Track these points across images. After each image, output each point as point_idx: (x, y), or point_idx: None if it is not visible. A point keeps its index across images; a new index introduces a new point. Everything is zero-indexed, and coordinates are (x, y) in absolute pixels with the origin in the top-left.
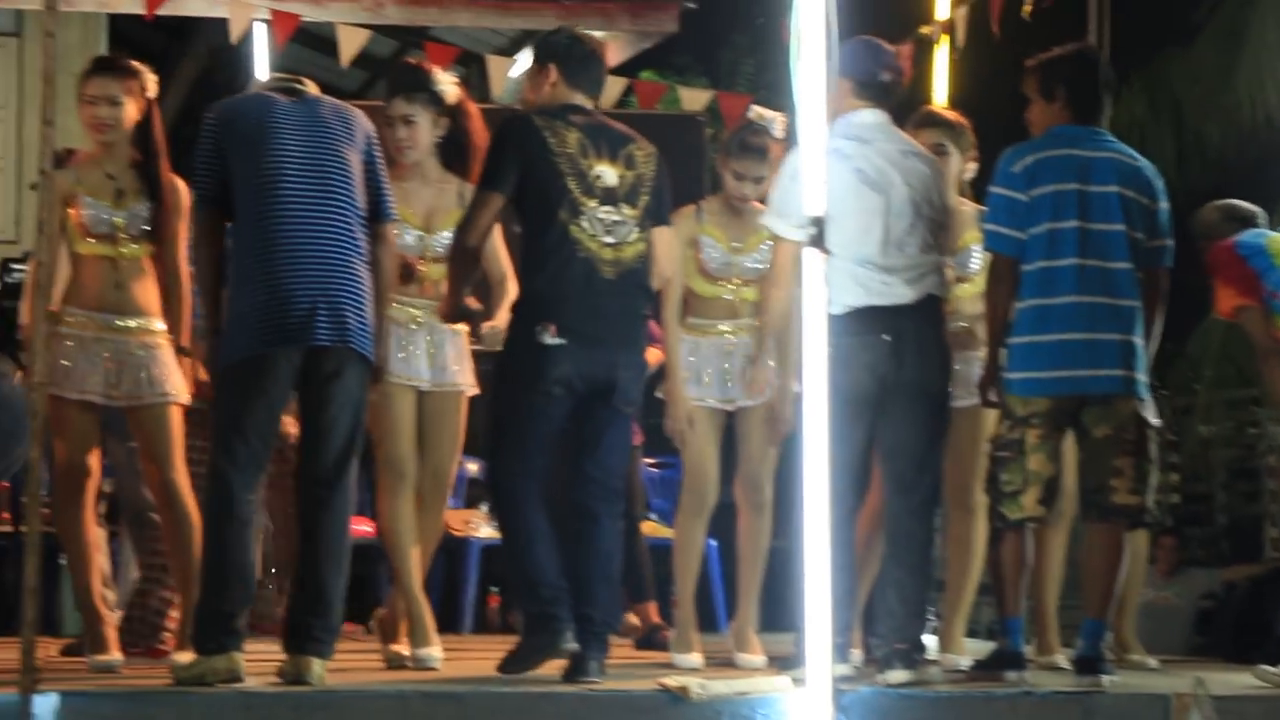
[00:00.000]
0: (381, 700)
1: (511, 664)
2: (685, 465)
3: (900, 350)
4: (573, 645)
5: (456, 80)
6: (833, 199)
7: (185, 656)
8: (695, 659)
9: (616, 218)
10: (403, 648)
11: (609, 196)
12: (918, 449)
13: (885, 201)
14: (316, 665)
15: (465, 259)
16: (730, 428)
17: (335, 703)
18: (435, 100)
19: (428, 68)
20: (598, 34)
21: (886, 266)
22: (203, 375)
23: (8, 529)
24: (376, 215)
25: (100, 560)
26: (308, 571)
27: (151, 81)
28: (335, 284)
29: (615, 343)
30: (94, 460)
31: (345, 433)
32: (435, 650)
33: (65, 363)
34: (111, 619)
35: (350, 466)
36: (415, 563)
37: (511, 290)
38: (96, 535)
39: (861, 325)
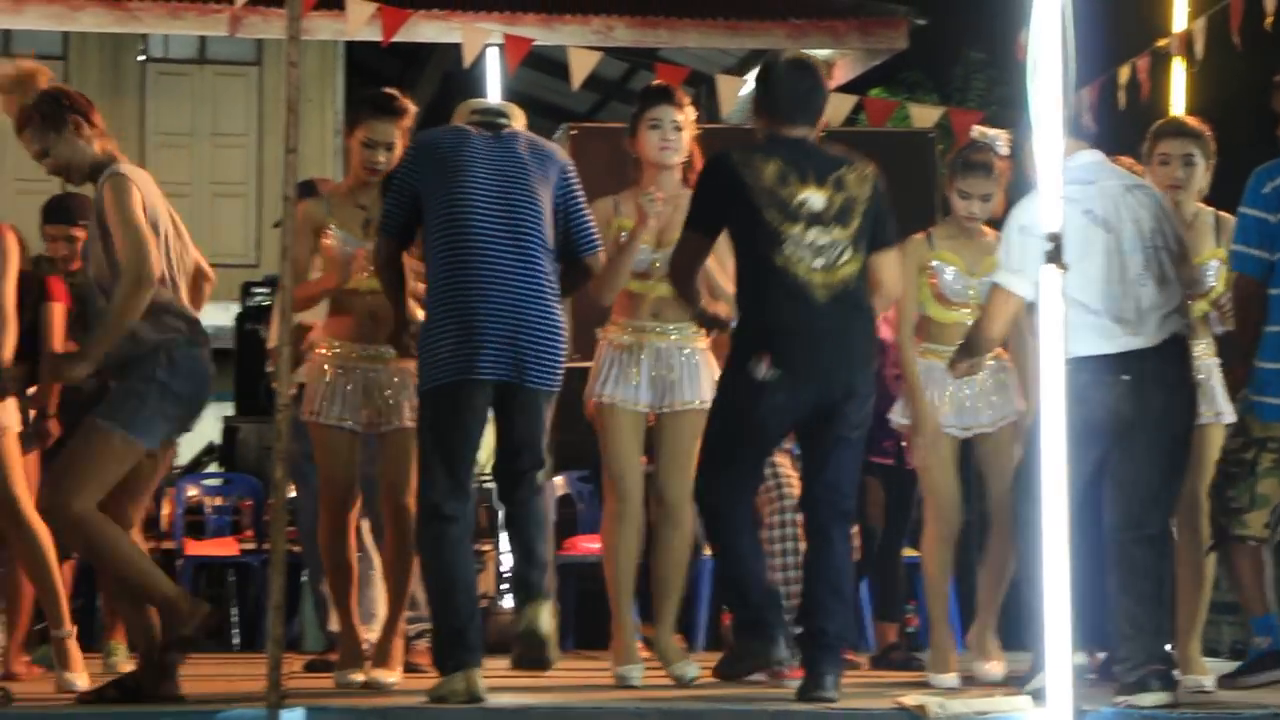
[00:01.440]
0: (619, 716)
1: (726, 667)
2: (929, 490)
3: (1142, 389)
4: (784, 654)
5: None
6: (1065, 244)
7: None
8: (951, 679)
9: (825, 240)
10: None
11: (816, 220)
12: (1152, 484)
13: (1116, 240)
14: (544, 610)
15: (685, 294)
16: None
17: (572, 719)
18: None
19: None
20: (825, 53)
21: (1124, 311)
22: None
23: (250, 547)
24: (576, 249)
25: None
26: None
27: (412, 116)
28: (521, 320)
29: (834, 366)
30: (355, 483)
31: (533, 454)
32: (634, 669)
33: (327, 388)
34: (367, 638)
35: (535, 475)
36: (627, 581)
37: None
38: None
39: (1101, 368)
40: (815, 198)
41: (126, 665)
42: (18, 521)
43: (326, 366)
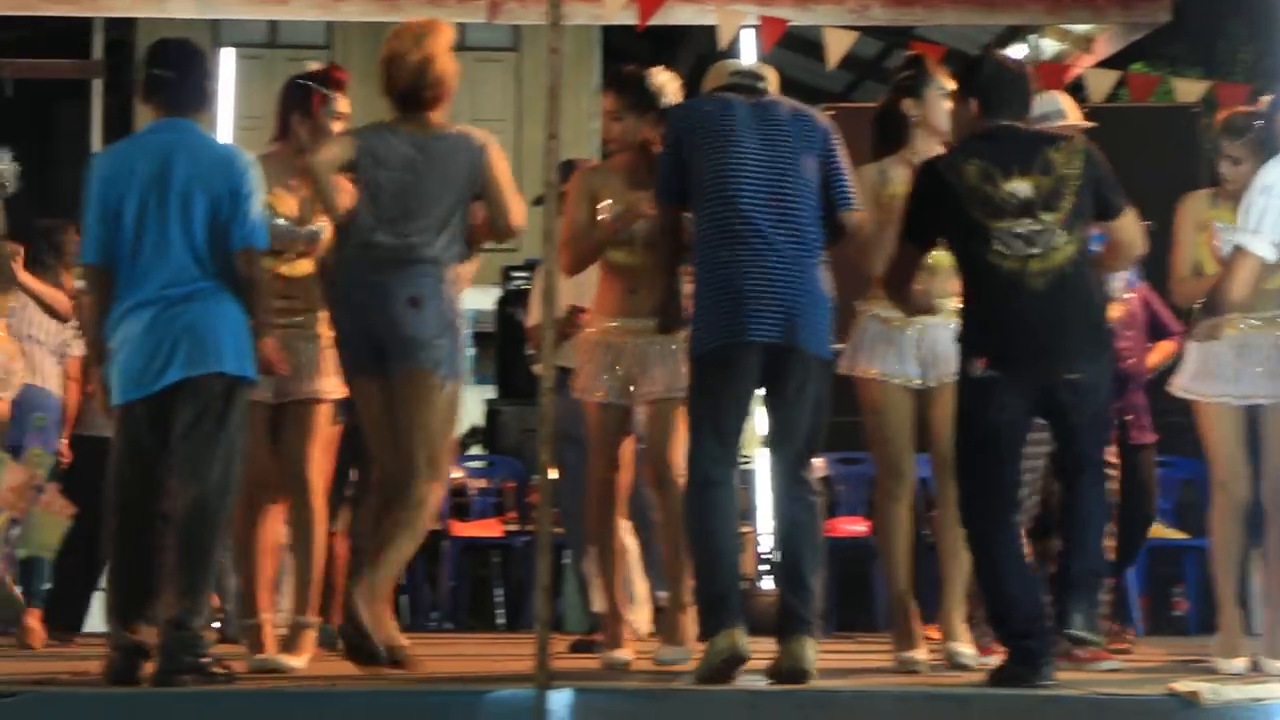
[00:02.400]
0: (884, 700)
1: (994, 682)
2: (1212, 462)
3: None
4: (1052, 681)
5: None
6: None
7: None
8: (1240, 664)
9: (1037, 227)
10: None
11: (1025, 210)
12: None
13: None
14: (809, 646)
15: (900, 302)
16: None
17: (838, 702)
18: None
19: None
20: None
21: None
22: None
23: (513, 528)
24: (834, 204)
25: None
26: (787, 557)
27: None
28: (791, 286)
29: (1060, 353)
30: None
31: (805, 433)
32: (917, 654)
33: (593, 368)
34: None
35: (808, 463)
36: (904, 564)
37: None
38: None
39: None
40: (1022, 187)
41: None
42: (304, 497)
43: (595, 343)
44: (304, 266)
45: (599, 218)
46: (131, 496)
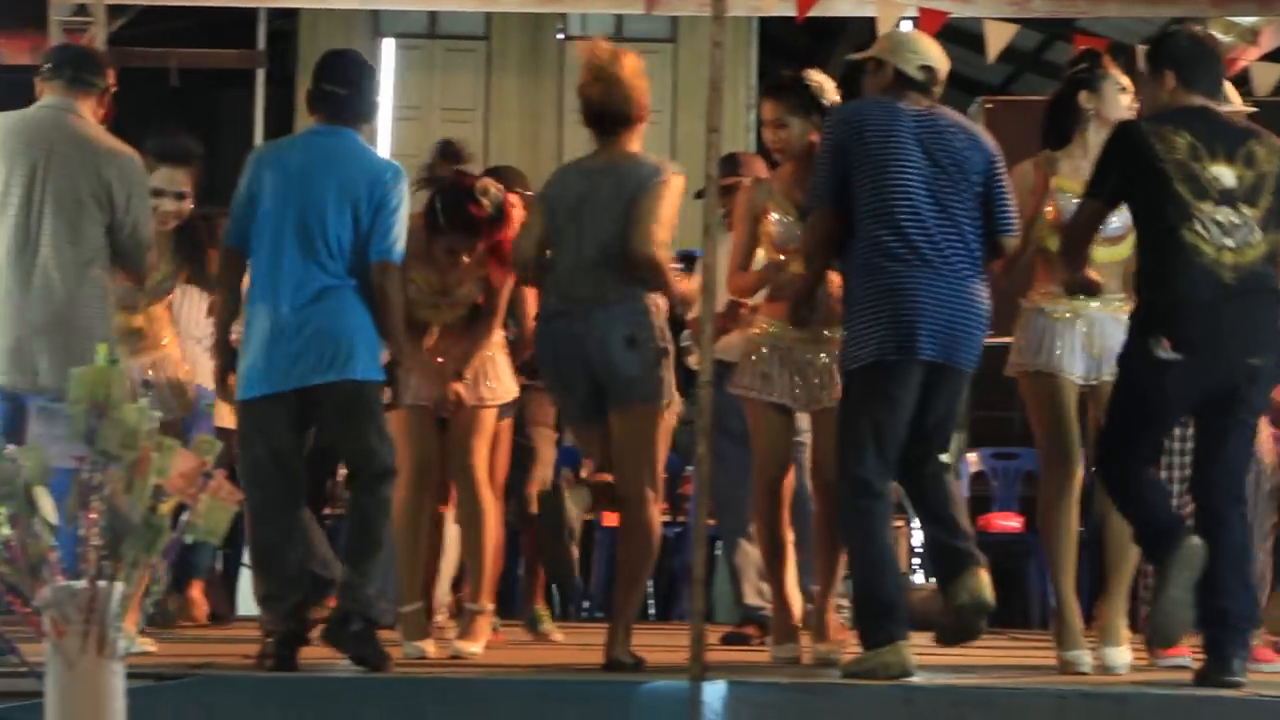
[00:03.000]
0: (1041, 699)
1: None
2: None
3: None
4: (1239, 678)
5: None
6: None
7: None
8: (1084, 655)
9: (1236, 220)
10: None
11: (1226, 198)
12: None
13: None
14: (982, 576)
15: (1072, 263)
16: None
17: (994, 700)
18: None
19: None
20: (1251, 20)
21: None
22: None
23: (665, 519)
24: (995, 228)
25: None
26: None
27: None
28: (958, 303)
29: (1238, 350)
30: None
31: (941, 441)
32: (1083, 654)
33: (760, 368)
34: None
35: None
36: (1070, 561)
37: None
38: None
39: None
40: (1226, 174)
41: (553, 631)
42: (472, 493)
43: (761, 345)
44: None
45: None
46: (270, 488)
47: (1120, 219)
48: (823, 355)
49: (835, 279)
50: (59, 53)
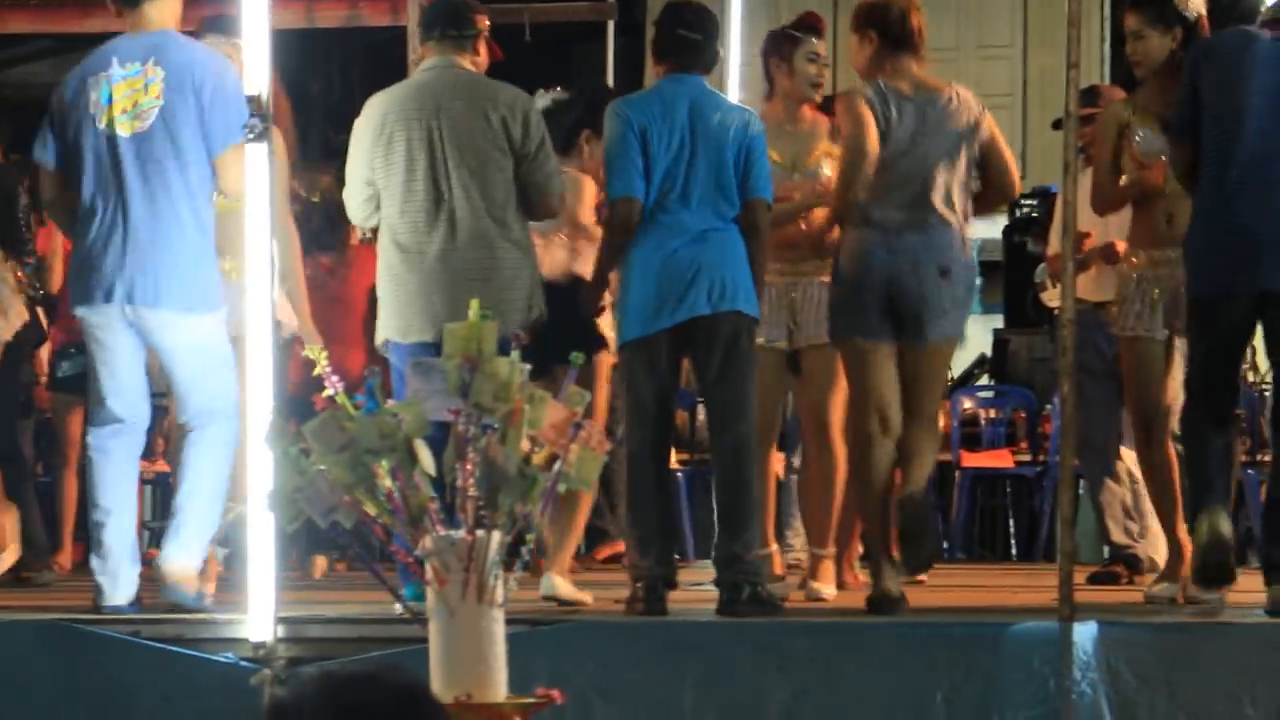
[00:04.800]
0: None
1: None
2: None
3: None
4: None
5: None
6: None
7: None
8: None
9: None
10: None
11: None
12: None
13: None
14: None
15: None
16: None
17: None
18: None
19: None
20: None
21: None
22: None
23: (1025, 458)
24: None
25: None
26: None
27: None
28: None
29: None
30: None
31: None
32: None
33: (1134, 299)
34: None
35: None
36: None
37: None
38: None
39: None
40: None
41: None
42: (826, 439)
43: (1134, 276)
44: (819, 215)
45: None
46: (655, 431)
47: None
48: None
49: None
50: (429, 12)
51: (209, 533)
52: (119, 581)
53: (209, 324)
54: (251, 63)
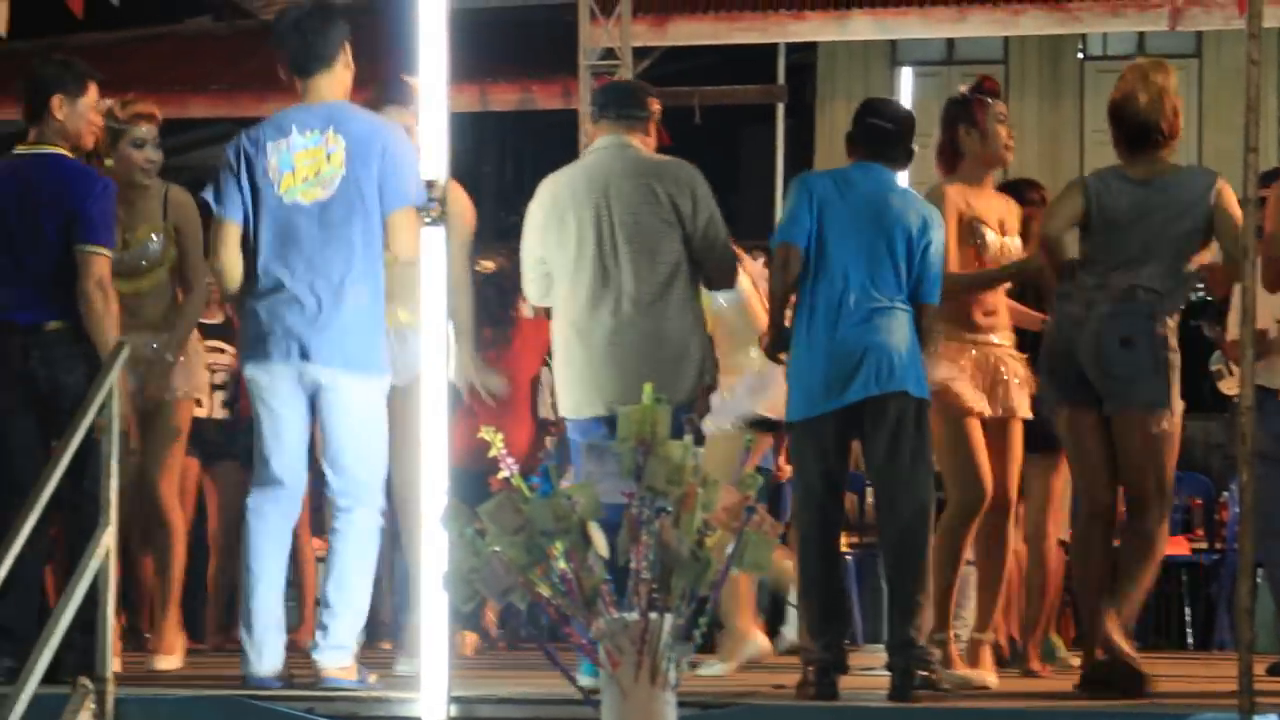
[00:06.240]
0: None
1: None
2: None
3: None
4: None
5: None
6: None
7: None
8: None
9: None
10: None
11: None
12: None
13: None
14: None
15: None
16: None
17: None
18: None
19: None
20: None
21: None
22: None
23: (1202, 546)
24: None
25: None
26: None
27: None
28: None
29: None
30: None
31: None
32: None
33: None
34: None
35: None
36: None
37: None
38: None
39: None
40: None
41: (1070, 658)
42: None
43: None
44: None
45: None
46: (824, 513)
47: None
48: None
49: None
50: (602, 94)
51: (360, 622)
52: (264, 651)
53: (374, 389)
54: (430, 146)
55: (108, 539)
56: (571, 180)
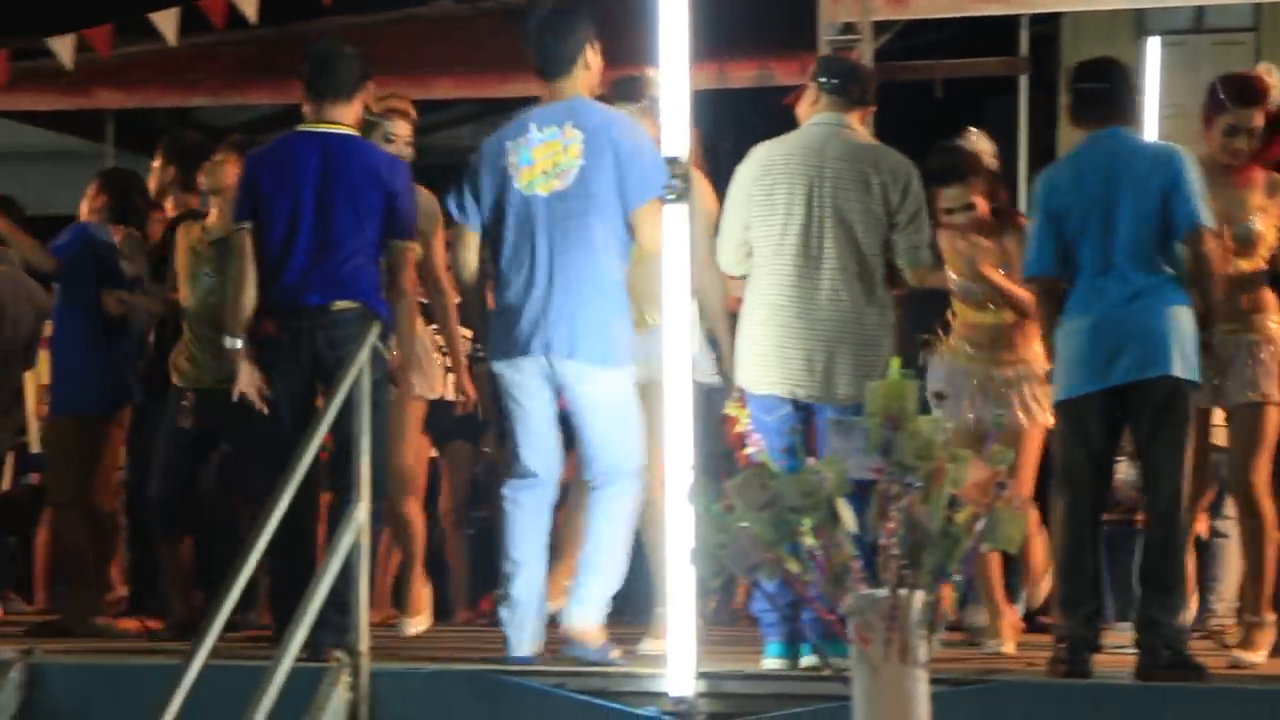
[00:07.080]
0: None
1: None
2: None
3: None
4: None
5: None
6: None
7: None
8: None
9: None
10: None
11: None
12: None
13: None
14: None
15: None
16: None
17: None
18: None
19: None
20: None
21: None
22: None
23: None
24: None
25: None
26: None
27: None
28: None
29: None
30: None
31: None
32: None
33: None
34: None
35: None
36: None
37: None
38: None
39: None
40: None
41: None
42: (1252, 503)
43: None
44: (1251, 265)
45: None
46: (1087, 492)
47: None
48: None
49: None
50: (828, 67)
51: (611, 591)
52: (525, 633)
53: (620, 378)
54: (671, 124)
55: (360, 515)
56: (787, 153)
